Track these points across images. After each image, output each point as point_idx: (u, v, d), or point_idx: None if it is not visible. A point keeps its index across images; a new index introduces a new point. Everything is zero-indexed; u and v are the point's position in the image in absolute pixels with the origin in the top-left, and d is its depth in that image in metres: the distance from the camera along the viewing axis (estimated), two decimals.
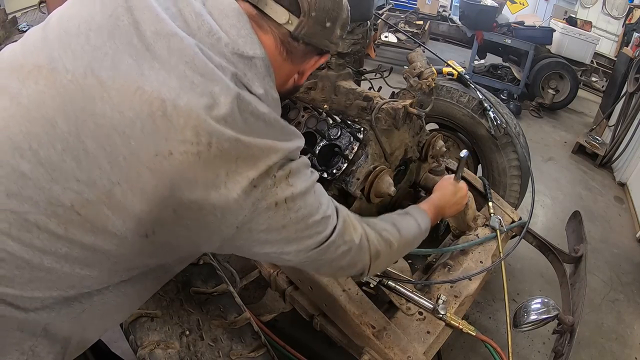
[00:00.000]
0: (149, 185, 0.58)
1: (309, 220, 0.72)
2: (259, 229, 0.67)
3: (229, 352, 0.98)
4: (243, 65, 0.68)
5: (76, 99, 0.58)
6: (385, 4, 6.93)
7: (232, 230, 0.65)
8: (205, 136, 0.58)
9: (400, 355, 1.11)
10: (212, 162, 0.59)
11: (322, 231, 0.75)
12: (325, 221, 0.76)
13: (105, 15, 0.62)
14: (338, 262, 0.82)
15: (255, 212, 0.64)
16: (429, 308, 1.20)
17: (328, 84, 1.61)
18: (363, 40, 1.60)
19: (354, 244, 0.82)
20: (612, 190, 3.61)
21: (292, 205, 0.68)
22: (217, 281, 1.17)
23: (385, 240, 0.91)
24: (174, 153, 0.57)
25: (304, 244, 0.73)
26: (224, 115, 0.60)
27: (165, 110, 0.57)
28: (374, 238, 0.88)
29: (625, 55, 4.23)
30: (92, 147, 0.58)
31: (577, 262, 1.70)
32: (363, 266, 0.88)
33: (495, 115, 1.99)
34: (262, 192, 0.64)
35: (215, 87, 0.61)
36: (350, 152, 1.41)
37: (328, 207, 0.77)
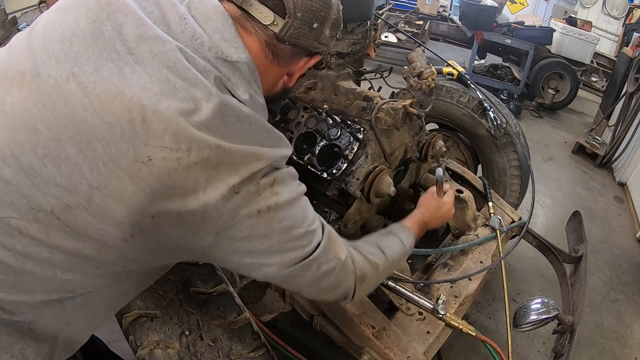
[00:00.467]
0: (128, 191, 0.58)
1: (293, 232, 0.70)
2: (239, 236, 0.65)
3: (229, 352, 0.98)
4: (227, 69, 0.67)
5: (58, 104, 0.58)
6: (385, 4, 6.93)
7: (211, 236, 0.64)
8: (185, 142, 0.58)
9: (400, 356, 1.11)
10: (192, 168, 0.59)
11: (305, 245, 0.73)
12: (310, 235, 0.74)
13: (89, 20, 0.62)
14: (320, 282, 0.79)
15: (235, 218, 0.63)
16: (429, 308, 1.20)
17: (328, 84, 1.61)
18: (363, 40, 1.60)
19: (338, 263, 0.79)
20: (612, 190, 3.61)
21: (275, 214, 0.67)
22: (217, 281, 1.17)
23: (371, 262, 0.89)
24: (152, 159, 0.57)
25: (286, 256, 0.71)
26: (205, 121, 0.59)
27: (145, 116, 0.57)
28: (359, 260, 0.86)
29: (625, 55, 4.23)
30: (73, 152, 0.58)
31: (577, 262, 1.70)
32: (347, 288, 0.84)
33: (495, 115, 1.99)
34: (243, 199, 0.63)
35: (197, 92, 0.61)
36: (350, 152, 1.41)
37: (313, 222, 0.75)
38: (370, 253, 0.90)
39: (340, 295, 0.86)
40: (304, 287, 0.80)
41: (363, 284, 0.87)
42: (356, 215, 1.41)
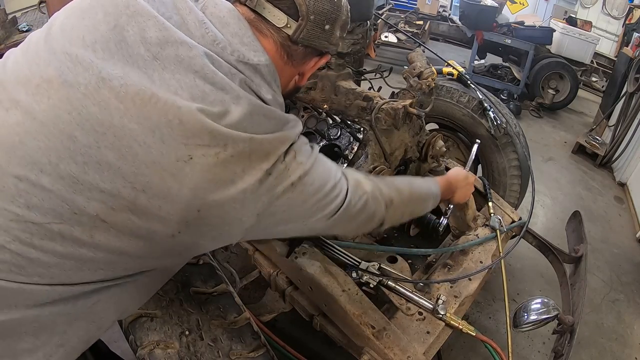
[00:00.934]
0: (173, 189, 0.60)
1: (325, 188, 0.76)
2: (280, 210, 0.70)
3: (229, 352, 0.98)
4: (249, 72, 0.69)
5: (92, 112, 0.59)
6: (385, 4, 6.93)
7: (253, 218, 0.67)
8: (221, 139, 0.61)
9: (400, 356, 1.11)
10: (229, 161, 0.62)
11: (338, 194, 0.79)
12: (339, 185, 0.80)
13: (109, 25, 0.63)
14: (359, 217, 0.86)
15: (273, 196, 0.68)
16: (429, 308, 1.20)
17: (328, 84, 1.61)
18: (363, 40, 1.60)
19: (368, 196, 0.87)
20: (612, 190, 3.61)
21: (306, 179, 0.72)
22: (217, 281, 1.17)
23: (396, 188, 0.98)
24: (193, 157, 0.60)
25: (326, 210, 0.77)
26: (236, 123, 0.63)
27: (181, 117, 0.59)
28: (384, 187, 0.95)
29: (625, 55, 4.23)
30: (114, 158, 0.59)
31: (577, 262, 1.70)
32: (381, 215, 0.93)
33: (495, 115, 1.99)
34: (276, 178, 0.67)
35: (226, 96, 0.64)
36: (350, 152, 1.41)
37: (337, 172, 0.82)
38: (394, 180, 1.01)
39: (377, 223, 0.94)
40: (347, 227, 0.89)
41: (391, 208, 0.95)
42: None
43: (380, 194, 0.93)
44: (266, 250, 1.50)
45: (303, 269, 1.28)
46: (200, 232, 0.66)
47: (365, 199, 0.87)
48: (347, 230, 0.93)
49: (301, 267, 1.29)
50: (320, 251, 1.33)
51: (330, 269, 1.28)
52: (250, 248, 1.56)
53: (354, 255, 1.31)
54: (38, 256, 0.60)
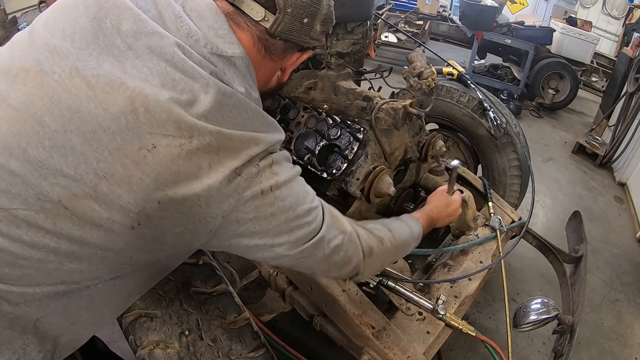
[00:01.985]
0: (134, 178, 0.60)
1: (297, 209, 0.73)
2: (246, 218, 0.68)
3: (229, 352, 0.98)
4: (222, 64, 0.69)
5: (63, 98, 0.60)
6: (385, 4, 6.93)
7: (217, 220, 0.65)
8: (187, 130, 0.60)
9: (400, 356, 1.11)
10: (195, 154, 0.61)
11: (311, 222, 0.76)
12: (314, 212, 0.77)
13: (89, 18, 0.64)
14: (331, 258, 0.82)
15: (240, 200, 0.66)
16: (429, 308, 1.20)
17: (328, 84, 1.61)
18: (363, 40, 1.59)
19: (345, 237, 0.83)
20: (612, 190, 3.61)
21: (278, 193, 0.69)
22: (217, 281, 1.17)
23: (376, 236, 0.92)
24: (157, 146, 0.60)
25: (294, 235, 0.73)
26: (204, 112, 0.62)
27: (147, 105, 0.59)
28: (363, 234, 0.90)
29: (625, 55, 4.23)
30: (79, 143, 0.59)
31: (577, 262, 1.70)
32: (358, 262, 0.88)
33: (495, 115, 1.99)
34: (246, 181, 0.66)
35: (195, 84, 0.63)
36: (350, 152, 1.41)
37: (314, 200, 0.79)
38: (374, 228, 0.94)
39: (352, 271, 0.89)
40: (316, 266, 0.83)
41: (371, 257, 0.90)
42: (356, 215, 1.41)
43: (360, 239, 0.88)
44: None
45: None
46: (161, 227, 0.64)
47: (341, 239, 0.83)
48: (317, 270, 0.86)
49: None
50: None
51: None
52: None
53: None
54: (6, 245, 0.60)
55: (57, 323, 0.71)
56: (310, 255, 0.78)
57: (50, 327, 0.70)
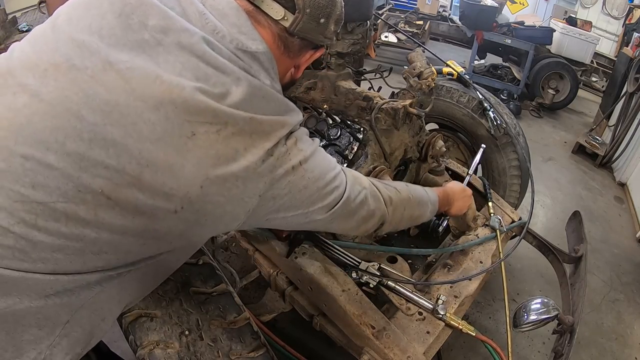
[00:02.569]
0: (176, 165, 0.62)
1: (326, 176, 0.79)
2: (281, 194, 0.73)
3: (229, 352, 0.98)
4: (248, 59, 0.72)
5: (99, 92, 0.61)
6: (385, 4, 6.93)
7: (254, 200, 0.69)
8: (222, 117, 0.64)
9: (400, 356, 1.11)
10: (231, 138, 0.65)
11: (338, 186, 0.82)
12: (339, 176, 0.83)
13: (115, 14, 0.66)
14: (359, 212, 0.90)
15: (274, 178, 0.70)
16: (429, 308, 1.20)
17: (328, 84, 1.61)
18: (363, 40, 1.60)
19: (367, 191, 0.91)
20: (612, 190, 3.61)
21: (307, 166, 0.75)
22: (217, 281, 1.17)
23: (394, 188, 1.01)
24: (196, 134, 0.63)
25: (326, 200, 0.80)
26: (237, 103, 0.66)
27: (185, 97, 0.62)
28: (381, 186, 0.99)
29: (625, 55, 4.23)
30: (119, 135, 0.60)
31: (577, 262, 1.70)
32: (382, 213, 0.96)
33: (495, 115, 1.99)
34: (278, 160, 0.70)
35: (227, 78, 0.67)
36: (350, 152, 1.41)
37: (336, 166, 0.85)
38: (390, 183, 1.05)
39: (377, 222, 0.97)
40: (347, 224, 0.91)
41: (392, 206, 0.99)
42: None
43: (380, 191, 0.96)
44: (266, 250, 1.49)
45: (303, 269, 1.28)
46: (203, 210, 0.66)
47: (364, 195, 0.90)
48: (347, 227, 0.94)
49: (301, 267, 1.29)
50: (320, 251, 1.33)
51: (330, 269, 1.28)
52: (250, 248, 1.56)
53: (354, 255, 1.31)
54: (42, 239, 0.60)
55: (87, 320, 0.72)
56: (341, 214, 0.84)
57: (82, 327, 0.71)
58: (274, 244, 1.39)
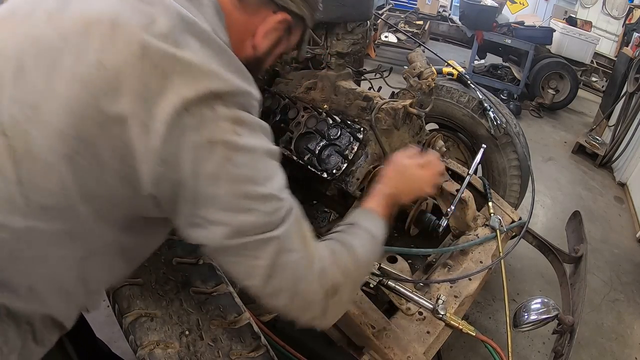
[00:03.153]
0: (77, 96, 0.56)
1: (252, 187, 0.60)
2: (184, 167, 0.57)
3: (229, 352, 0.98)
4: (189, 4, 0.65)
5: (23, 27, 0.61)
6: (385, 4, 6.93)
7: (154, 158, 0.57)
8: (138, 48, 0.56)
9: (400, 356, 1.11)
10: (143, 73, 0.56)
11: (267, 213, 0.61)
12: (275, 202, 0.63)
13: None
14: (276, 275, 0.63)
15: (182, 141, 0.56)
16: (429, 308, 1.20)
17: (328, 84, 1.61)
18: (363, 40, 1.60)
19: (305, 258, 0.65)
20: (612, 190, 3.61)
21: (232, 154, 0.58)
22: (217, 281, 1.17)
23: (342, 270, 0.71)
24: (105, 63, 0.56)
25: (240, 218, 0.60)
26: (162, 33, 0.58)
27: (100, 24, 0.58)
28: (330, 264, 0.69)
29: (625, 55, 4.24)
30: (30, 64, 0.59)
31: (577, 262, 1.70)
32: (312, 298, 0.67)
33: (495, 115, 1.99)
34: (195, 120, 0.56)
35: (154, 9, 0.60)
36: (350, 152, 1.41)
37: (282, 191, 0.65)
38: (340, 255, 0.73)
39: (298, 308, 0.68)
40: (253, 275, 0.63)
41: (335, 297, 0.69)
42: None
43: (323, 272, 0.68)
44: None
45: None
46: (98, 159, 0.58)
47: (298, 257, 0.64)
48: (252, 281, 0.64)
49: None
50: None
51: None
52: None
53: None
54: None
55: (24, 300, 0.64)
56: (251, 255, 0.62)
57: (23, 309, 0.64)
58: None
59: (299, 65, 1.84)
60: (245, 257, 0.62)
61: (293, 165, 1.60)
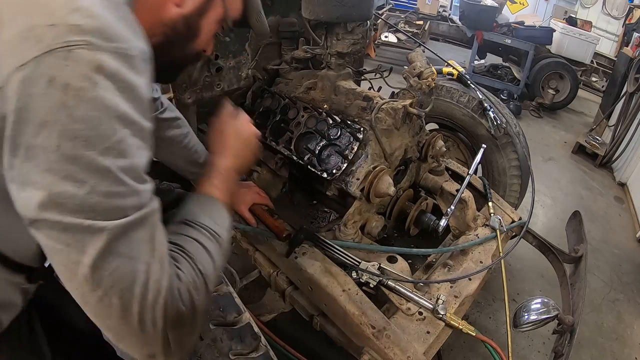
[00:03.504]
0: None
1: (86, 153, 0.47)
2: (8, 96, 0.46)
3: (229, 352, 0.98)
4: None
5: None
6: (385, 4, 6.94)
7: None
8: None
9: (400, 356, 1.11)
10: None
11: (100, 191, 0.48)
12: (117, 186, 0.49)
13: None
14: (105, 290, 0.49)
15: (15, 75, 0.46)
16: (429, 308, 1.20)
17: (328, 84, 1.61)
18: (363, 40, 1.60)
19: (147, 272, 0.51)
20: (612, 190, 3.61)
21: (72, 102, 0.46)
22: (217, 281, 1.17)
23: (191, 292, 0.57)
24: None
25: (59, 185, 0.46)
26: None
27: None
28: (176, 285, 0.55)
29: (625, 55, 4.23)
30: None
31: (577, 262, 1.70)
32: (151, 332, 0.52)
33: (495, 115, 1.99)
34: (40, 50, 0.45)
35: None
36: (350, 152, 1.41)
37: (136, 180, 0.52)
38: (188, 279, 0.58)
39: (131, 337, 0.52)
40: (73, 276, 0.49)
41: (181, 330, 0.56)
42: (356, 215, 1.41)
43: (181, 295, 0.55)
44: (266, 250, 1.50)
45: (303, 269, 1.28)
46: None
47: (133, 268, 0.50)
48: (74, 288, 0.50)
49: (301, 267, 1.29)
50: (320, 251, 1.33)
51: (330, 269, 1.28)
52: (251, 248, 1.57)
53: (354, 255, 1.31)
54: None
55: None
56: (76, 248, 0.48)
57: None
58: (274, 244, 1.39)
59: (299, 65, 1.84)
60: (67, 245, 0.48)
61: (293, 165, 1.60)
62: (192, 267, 0.59)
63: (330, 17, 1.39)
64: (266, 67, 1.84)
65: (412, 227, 1.56)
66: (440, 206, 1.73)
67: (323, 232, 1.47)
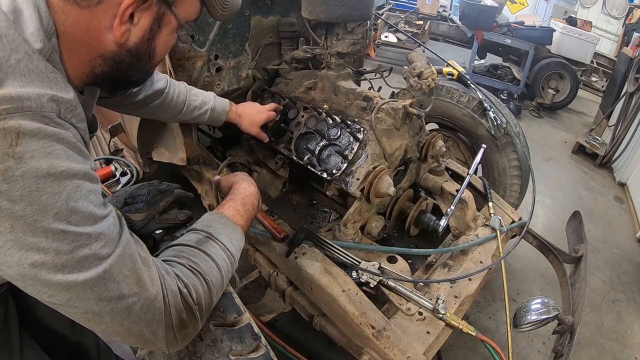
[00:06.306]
0: None
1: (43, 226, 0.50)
2: None
3: (229, 352, 0.98)
4: None
5: None
6: (385, 4, 6.94)
7: None
8: None
9: (400, 356, 1.11)
10: None
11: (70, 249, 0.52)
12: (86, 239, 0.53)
13: None
14: (110, 325, 0.59)
15: None
16: (429, 308, 1.20)
17: (328, 84, 1.61)
18: (363, 40, 1.60)
19: (143, 300, 0.60)
20: (612, 190, 3.61)
21: (6, 187, 0.47)
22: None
23: (192, 303, 0.67)
24: None
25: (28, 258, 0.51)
26: None
27: None
28: (177, 301, 0.64)
29: (625, 55, 4.23)
30: None
31: (577, 262, 1.70)
32: (155, 339, 0.64)
33: (495, 115, 1.99)
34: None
35: None
36: (350, 152, 1.41)
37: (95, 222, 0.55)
38: (190, 290, 0.67)
39: (139, 343, 0.64)
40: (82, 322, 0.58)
41: (184, 331, 0.66)
42: (356, 215, 1.41)
43: (171, 310, 0.64)
44: (266, 251, 1.49)
45: (303, 269, 1.28)
46: None
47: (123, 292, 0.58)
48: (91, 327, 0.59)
49: (301, 267, 1.29)
50: (320, 251, 1.33)
51: (330, 269, 1.27)
52: (251, 248, 1.56)
53: (354, 255, 1.31)
54: None
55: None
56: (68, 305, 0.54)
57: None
58: (274, 244, 1.39)
59: (299, 65, 1.84)
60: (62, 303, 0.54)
61: (293, 165, 1.60)
62: (199, 281, 0.69)
63: (330, 17, 1.39)
64: (266, 67, 1.84)
65: (412, 227, 1.56)
66: (440, 206, 1.73)
67: (323, 232, 1.47)
